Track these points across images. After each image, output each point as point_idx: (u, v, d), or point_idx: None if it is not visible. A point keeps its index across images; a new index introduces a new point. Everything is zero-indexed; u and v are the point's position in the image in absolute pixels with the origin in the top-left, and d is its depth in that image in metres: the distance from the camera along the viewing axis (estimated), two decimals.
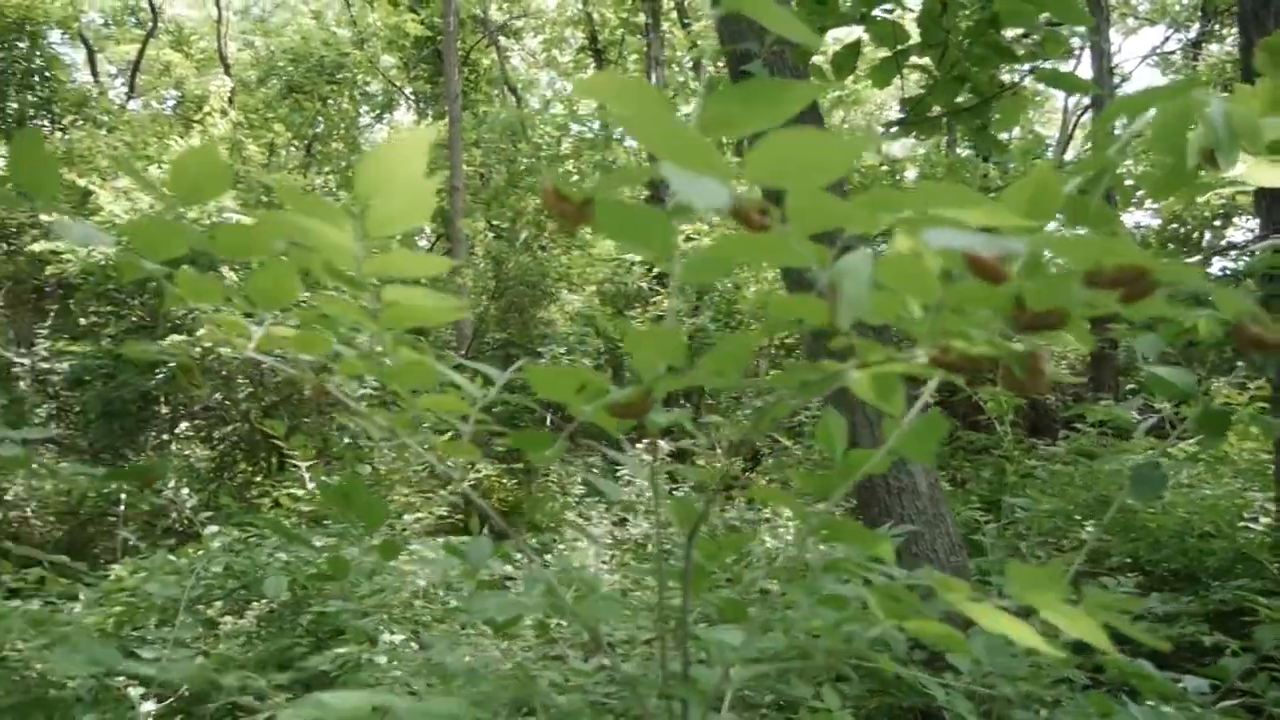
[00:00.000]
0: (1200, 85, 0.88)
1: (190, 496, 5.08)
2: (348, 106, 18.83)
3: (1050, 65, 3.56)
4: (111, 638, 4.38)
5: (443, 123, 16.72)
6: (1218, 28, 16.34)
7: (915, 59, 3.68)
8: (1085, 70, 13.37)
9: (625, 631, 3.91)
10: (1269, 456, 5.20)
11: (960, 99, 3.73)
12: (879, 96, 22.44)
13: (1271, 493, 4.87)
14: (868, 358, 0.62)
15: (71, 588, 4.89)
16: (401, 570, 4.50)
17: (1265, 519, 4.75)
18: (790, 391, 0.69)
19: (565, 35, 22.59)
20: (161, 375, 9.87)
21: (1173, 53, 17.99)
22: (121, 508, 9.67)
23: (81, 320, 11.89)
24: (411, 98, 22.11)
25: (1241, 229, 13.06)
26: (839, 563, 1.14)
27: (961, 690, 2.10)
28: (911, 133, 3.83)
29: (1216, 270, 11.89)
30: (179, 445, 11.16)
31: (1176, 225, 13.26)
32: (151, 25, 20.45)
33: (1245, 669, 2.11)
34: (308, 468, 5.06)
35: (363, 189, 0.81)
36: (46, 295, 13.30)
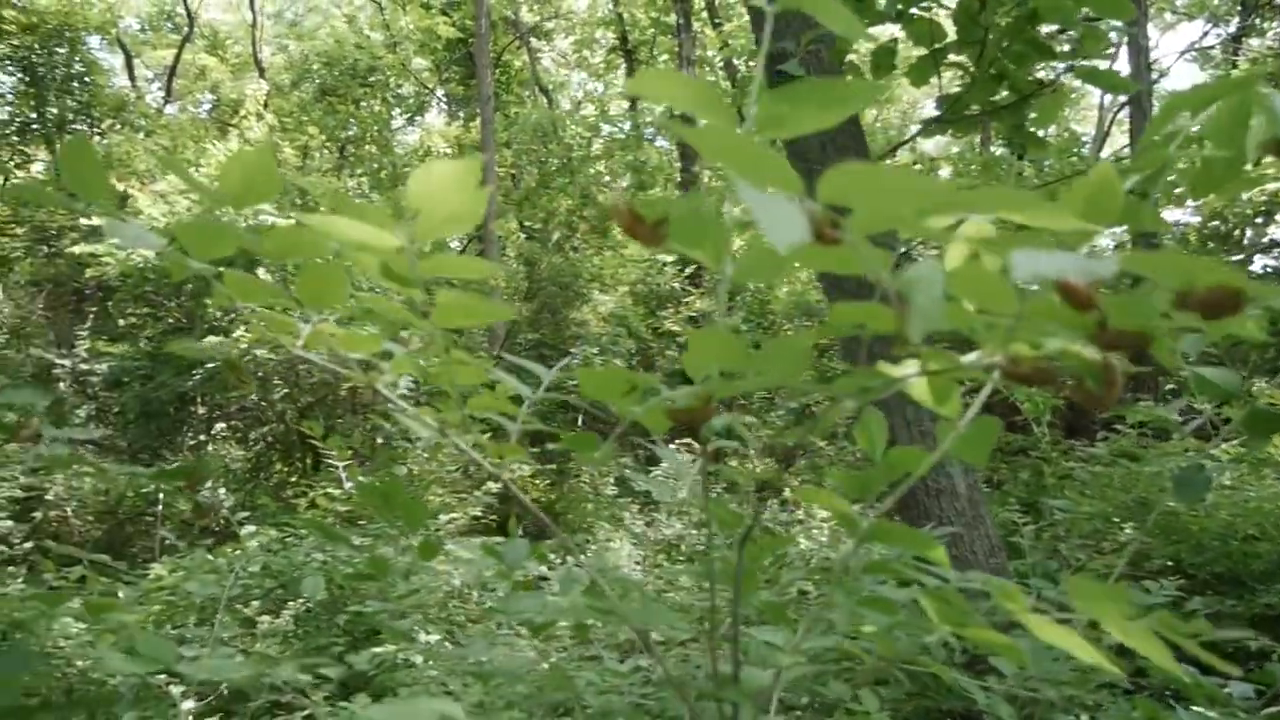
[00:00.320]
0: (1258, 79, 0.86)
1: (227, 496, 5.12)
2: (380, 109, 18.94)
3: (1089, 62, 3.52)
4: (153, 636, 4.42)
5: (474, 123, 16.80)
6: (1258, 21, 16.08)
7: (952, 57, 3.65)
8: (1122, 66, 13.20)
9: (660, 633, 3.91)
10: None
11: (996, 97, 3.69)
12: (912, 94, 22.31)
13: None
14: (932, 365, 0.61)
15: (111, 587, 4.96)
16: (436, 570, 4.52)
17: None
18: (851, 396, 0.68)
19: (596, 36, 22.61)
20: (199, 376, 9.97)
21: (1211, 48, 17.73)
22: (159, 507, 9.78)
23: (120, 322, 12.05)
24: (443, 100, 22.23)
25: None
26: (885, 565, 1.13)
27: (1001, 693, 2.08)
28: (947, 131, 3.80)
29: (1258, 268, 11.71)
30: (215, 446, 11.27)
31: (1217, 223, 13.07)
32: (188, 30, 20.69)
33: None
34: (344, 468, 5.09)
35: (415, 196, 0.81)
36: (86, 297, 13.49)
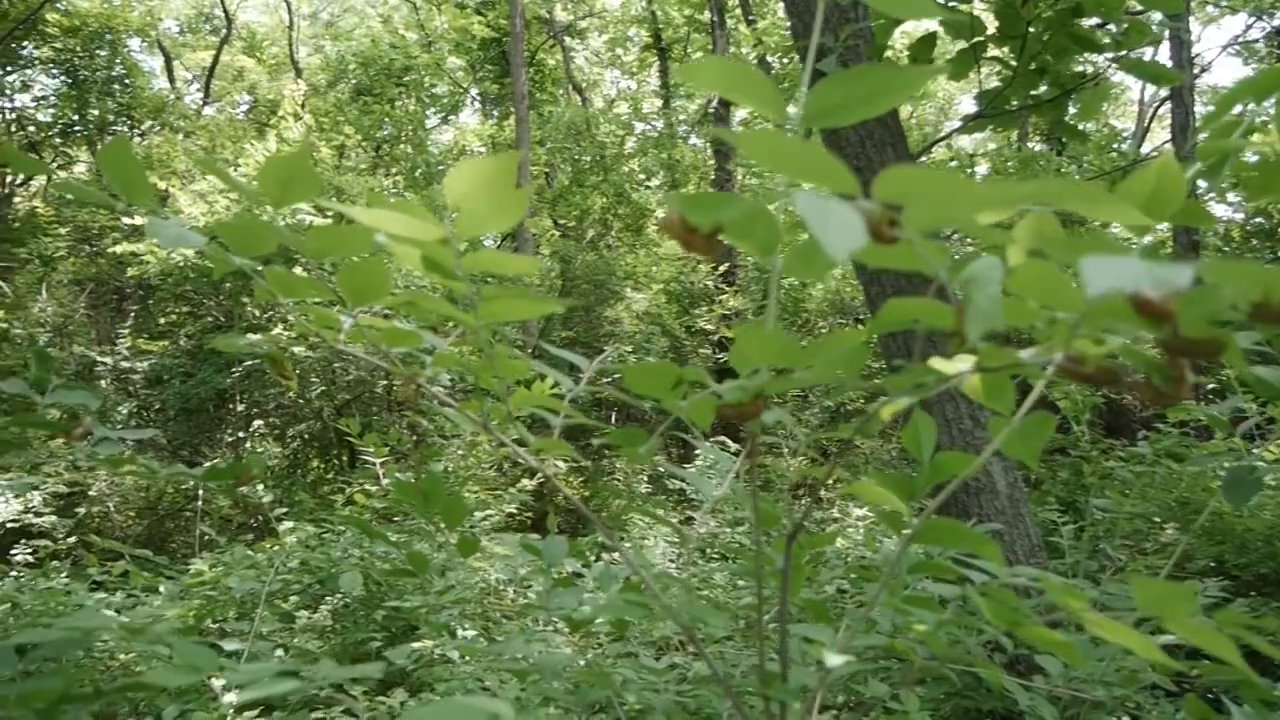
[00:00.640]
0: None
1: (265, 493, 5.18)
2: (415, 109, 19.05)
3: (1132, 55, 3.47)
4: (192, 630, 4.48)
5: (509, 122, 16.85)
6: None
7: (991, 51, 3.61)
8: (1163, 60, 13.01)
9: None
10: None
11: (1037, 91, 3.65)
12: (948, 90, 22.11)
13: None
14: (990, 362, 0.59)
15: (153, 581, 5.03)
16: (472, 567, 4.54)
17: None
18: (905, 393, 0.67)
19: (629, 34, 22.61)
20: (237, 373, 10.09)
21: (1255, 41, 17.41)
22: (199, 503, 9.91)
23: (160, 320, 12.21)
24: (477, 99, 22.32)
25: None
26: (935, 564, 1.11)
27: (1043, 694, 2.05)
28: (987, 127, 3.76)
29: None
30: (253, 442, 11.39)
31: (1261, 219, 12.85)
32: (225, 32, 20.92)
33: None
34: (381, 465, 5.12)
35: (453, 192, 0.81)
36: (127, 296, 13.68)
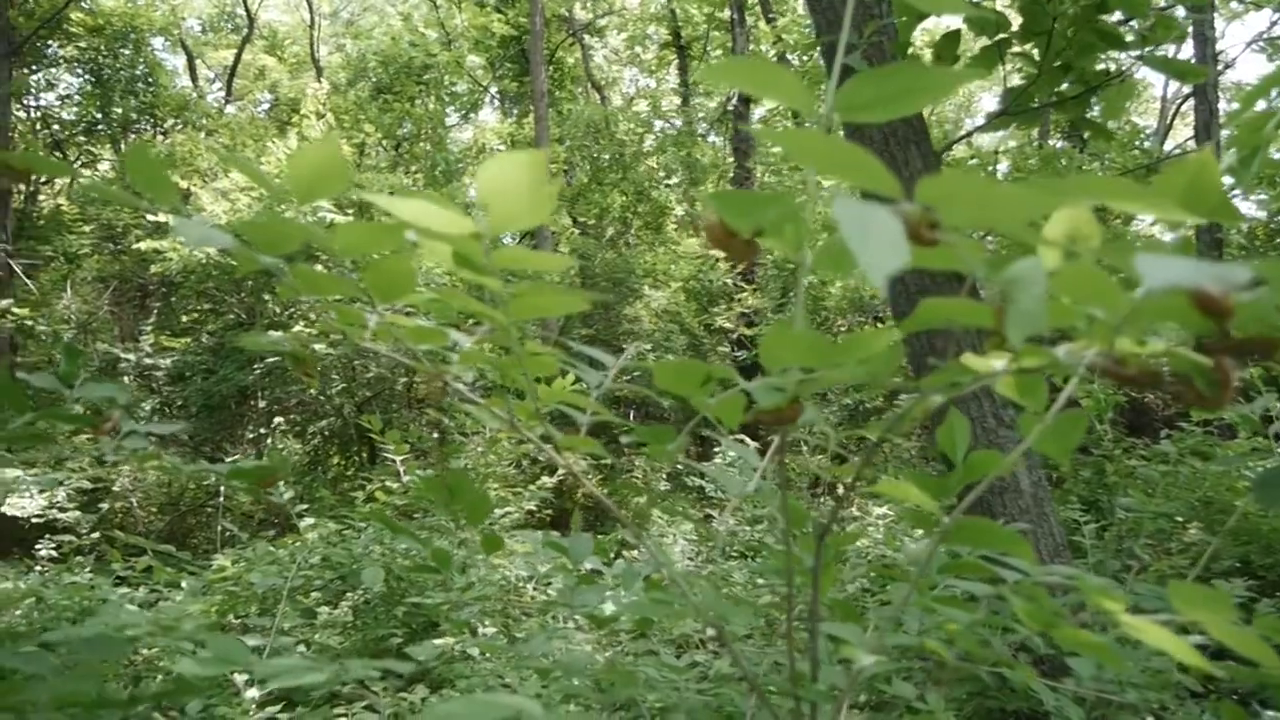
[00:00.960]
0: None
1: (286, 489, 5.20)
2: (435, 107, 19.10)
3: (1157, 52, 3.44)
4: (215, 626, 4.51)
5: (528, 120, 16.88)
6: None
7: (1016, 47, 3.58)
8: (1187, 56, 12.88)
9: (714, 629, 3.89)
10: None
11: (1062, 88, 3.62)
12: (968, 86, 21.98)
13: None
14: (1028, 362, 0.59)
15: (176, 577, 5.06)
16: (492, 564, 4.55)
17: None
18: (940, 391, 0.67)
19: (648, 32, 22.59)
20: (259, 370, 10.14)
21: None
22: (220, 499, 9.97)
23: (183, 317, 12.30)
24: (496, 97, 22.35)
25: None
26: (965, 563, 1.10)
27: (1070, 695, 2.04)
28: (1011, 124, 3.73)
29: None
30: (274, 439, 11.46)
31: None
32: (247, 31, 21.04)
33: None
34: (401, 462, 5.14)
35: (484, 188, 0.81)
36: (150, 293, 13.79)
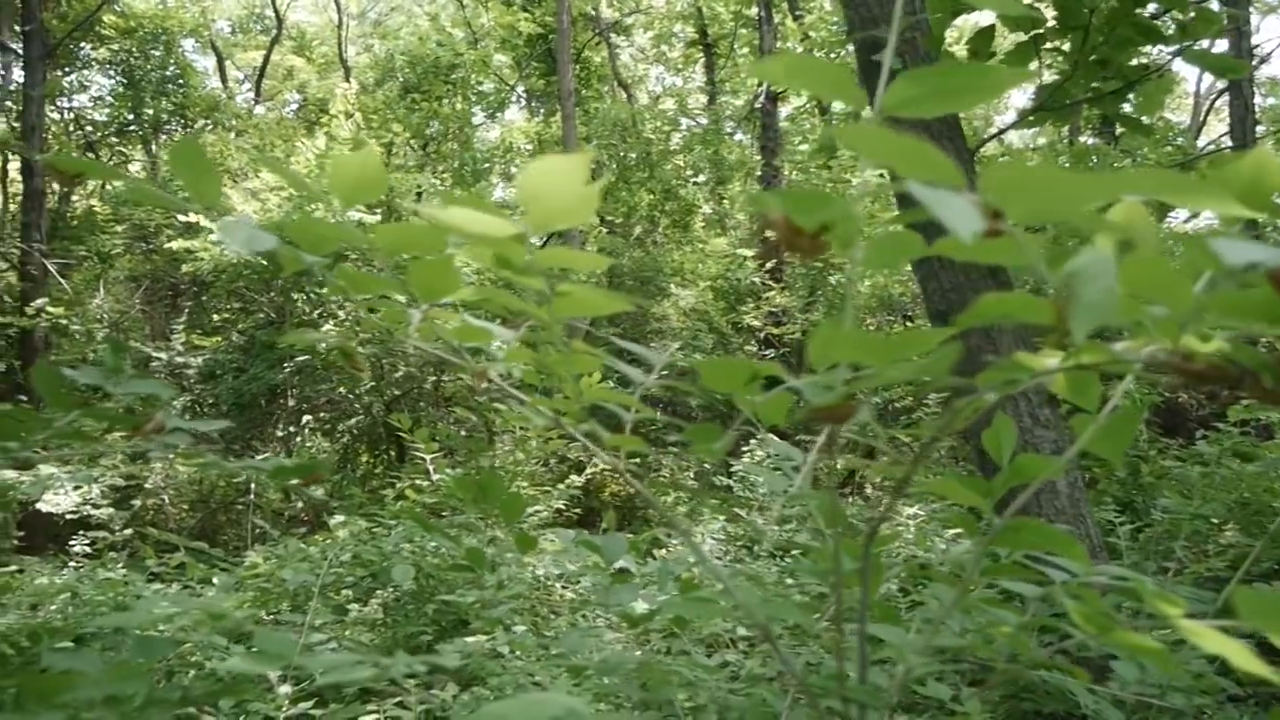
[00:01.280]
0: None
1: (317, 487, 5.23)
2: (462, 106, 19.17)
3: (1191, 46, 3.39)
4: (247, 622, 4.54)
5: (555, 119, 16.91)
6: None
7: (1048, 43, 3.54)
8: (1221, 51, 12.71)
9: (746, 629, 3.88)
10: None
11: (1096, 83, 3.58)
12: None
13: None
14: (1087, 358, 0.58)
15: (208, 573, 5.10)
16: (521, 562, 4.56)
17: None
18: (995, 389, 0.66)
19: (674, 30, 22.57)
20: (289, 369, 10.22)
21: None
22: (251, 497, 10.06)
23: (214, 316, 12.41)
24: (522, 96, 22.40)
25: None
26: (1004, 566, 1.09)
27: (1108, 698, 2.01)
28: (1046, 121, 3.70)
29: None
30: (304, 437, 11.54)
31: None
32: (276, 32, 21.20)
33: None
34: (431, 460, 5.16)
35: (525, 189, 0.80)
36: (181, 292, 13.92)
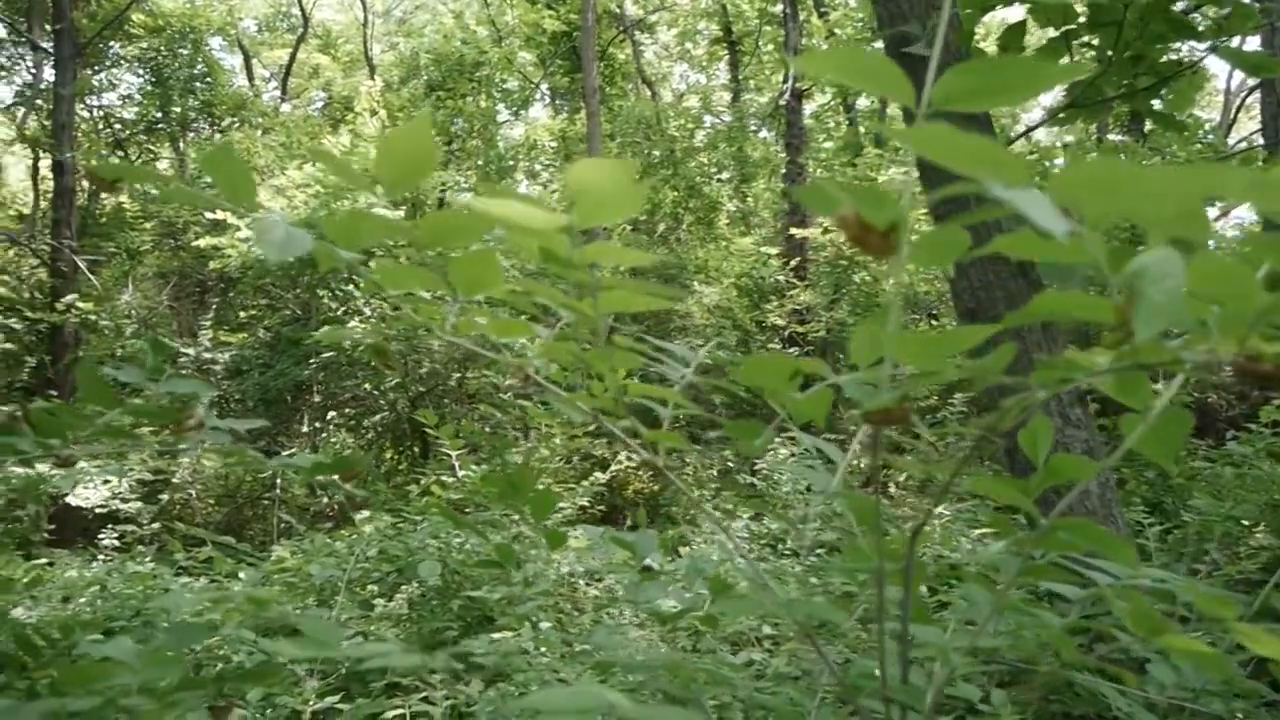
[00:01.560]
0: None
1: (354, 484, 5.25)
2: (486, 104, 19.21)
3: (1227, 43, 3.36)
4: (267, 607, 4.57)
5: (579, 117, 16.92)
6: None
7: (1076, 40, 3.51)
8: (1252, 48, 12.55)
9: (770, 629, 3.87)
10: None
11: (1129, 80, 3.54)
12: None
13: None
14: (1147, 358, 0.57)
15: (235, 567, 5.14)
16: (546, 559, 4.57)
17: None
18: (1049, 388, 0.65)
19: (699, 28, 22.54)
20: (314, 365, 10.28)
21: None
22: (276, 492, 10.13)
23: (240, 313, 12.50)
24: (546, 93, 22.43)
25: None
26: (1040, 568, 1.08)
27: (1140, 701, 1.99)
28: (1078, 118, 3.66)
29: None
30: (328, 433, 11.61)
31: None
32: (302, 30, 21.32)
33: None
34: (456, 457, 5.18)
35: (574, 184, 0.80)
36: (208, 289, 14.03)
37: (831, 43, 16.72)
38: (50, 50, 14.67)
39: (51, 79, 14.84)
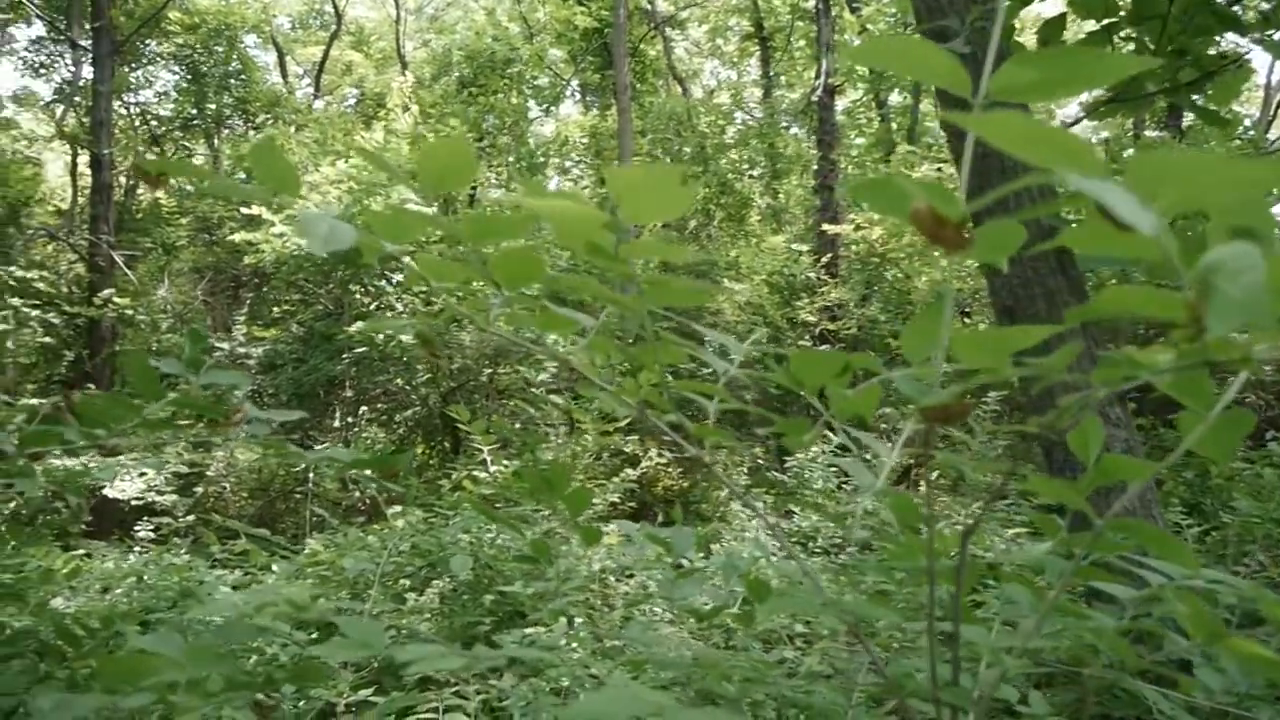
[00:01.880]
0: None
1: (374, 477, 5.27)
2: (517, 100, 19.25)
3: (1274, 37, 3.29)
4: (307, 609, 4.60)
5: (610, 113, 16.92)
6: None
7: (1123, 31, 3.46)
8: None
9: (805, 628, 3.86)
10: None
11: (1173, 74, 3.48)
12: None
13: None
14: (1218, 355, 0.55)
15: (269, 560, 5.19)
16: (578, 554, 4.57)
17: None
18: (1110, 385, 0.63)
19: (729, 24, 22.48)
20: (347, 360, 10.34)
21: None
22: (309, 485, 10.20)
23: (274, 308, 12.60)
24: (577, 90, 22.44)
25: None
26: (1089, 570, 1.06)
27: (1181, 703, 1.96)
28: (1118, 112, 3.61)
29: None
30: (360, 428, 11.68)
31: None
32: (335, 27, 21.45)
33: None
34: (488, 452, 5.19)
35: (619, 184, 0.80)
36: (243, 284, 14.16)
37: (864, 38, 16.59)
38: (88, 48, 14.87)
39: (90, 76, 15.05)
